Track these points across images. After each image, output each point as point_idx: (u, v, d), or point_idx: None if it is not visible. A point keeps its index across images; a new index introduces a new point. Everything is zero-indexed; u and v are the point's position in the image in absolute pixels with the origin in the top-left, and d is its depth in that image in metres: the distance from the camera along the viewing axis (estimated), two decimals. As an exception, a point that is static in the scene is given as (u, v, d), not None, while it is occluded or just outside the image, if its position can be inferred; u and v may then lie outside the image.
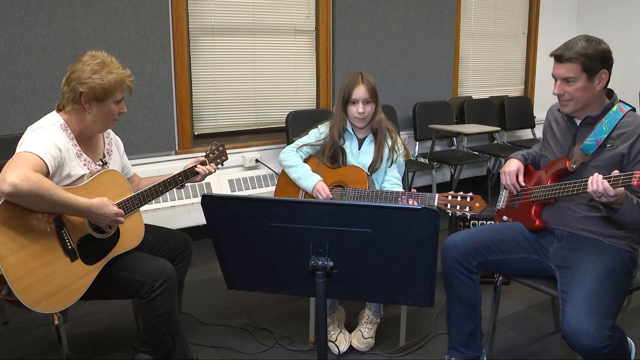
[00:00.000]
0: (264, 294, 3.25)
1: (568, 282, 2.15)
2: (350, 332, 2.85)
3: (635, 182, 1.91)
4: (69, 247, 2.11)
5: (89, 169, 2.25)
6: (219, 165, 2.73)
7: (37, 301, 2.00)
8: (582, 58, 2.16)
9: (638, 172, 1.92)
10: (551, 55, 2.26)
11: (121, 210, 2.21)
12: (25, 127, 2.18)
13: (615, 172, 2.00)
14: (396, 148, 2.80)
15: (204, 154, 2.69)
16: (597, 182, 2.00)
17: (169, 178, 2.48)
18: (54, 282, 2.05)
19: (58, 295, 2.07)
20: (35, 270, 2.01)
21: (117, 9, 3.74)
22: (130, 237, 2.32)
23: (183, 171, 2.53)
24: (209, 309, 3.19)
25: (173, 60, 4.04)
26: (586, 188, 2.06)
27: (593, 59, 2.17)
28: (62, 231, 2.09)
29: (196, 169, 2.56)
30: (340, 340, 2.77)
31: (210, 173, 2.61)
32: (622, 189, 1.98)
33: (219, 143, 2.74)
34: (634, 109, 2.29)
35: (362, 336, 2.79)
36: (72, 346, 2.75)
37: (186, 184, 2.57)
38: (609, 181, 1.98)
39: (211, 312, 3.16)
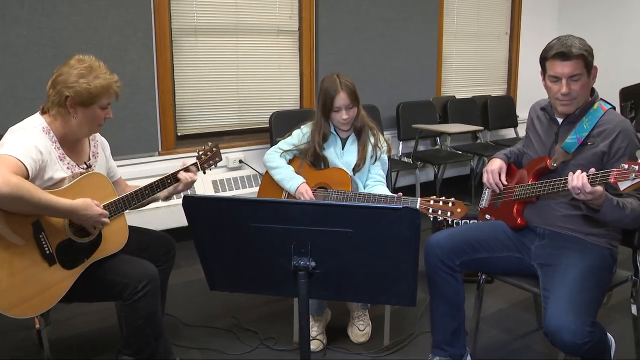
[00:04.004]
0: (248, 295, 3.24)
1: (550, 280, 2.17)
2: (334, 333, 2.86)
3: (612, 180, 1.93)
4: (47, 251, 2.09)
5: (72, 172, 2.22)
6: (213, 167, 2.70)
7: (10, 306, 1.98)
8: (585, 53, 2.15)
9: (615, 169, 1.93)
10: (552, 54, 2.18)
11: (106, 212, 2.19)
12: (5, 128, 2.16)
13: (592, 170, 2.01)
14: (379, 145, 2.82)
15: (197, 154, 2.64)
16: (577, 177, 2.00)
17: (157, 181, 2.44)
18: (30, 287, 2.03)
19: (34, 300, 2.05)
20: (10, 276, 1.98)
21: (99, 10, 3.71)
22: (112, 242, 2.29)
23: (172, 174, 2.48)
24: (193, 311, 3.18)
25: (156, 60, 4.02)
26: (566, 186, 2.07)
27: (591, 54, 2.19)
28: (40, 236, 2.07)
29: (179, 175, 2.49)
30: (315, 342, 2.77)
31: (192, 180, 2.52)
32: (601, 188, 1.99)
33: (213, 143, 2.68)
34: (613, 107, 2.32)
35: (359, 329, 2.83)
36: (55, 349, 2.73)
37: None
38: (588, 178, 2.00)
39: (196, 314, 3.14)
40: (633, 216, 2.11)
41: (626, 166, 1.89)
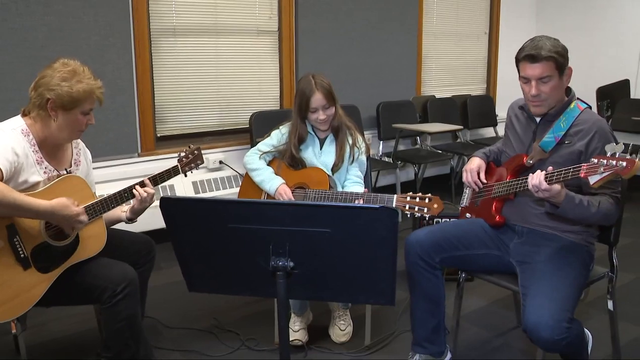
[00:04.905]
0: (229, 296, 3.23)
1: (528, 277, 2.20)
2: (315, 332, 2.86)
3: (582, 174, 1.97)
4: (22, 255, 2.06)
5: (49, 177, 2.19)
6: (195, 169, 2.67)
7: None
8: (556, 55, 2.17)
9: (585, 164, 1.97)
10: (522, 56, 2.22)
11: (83, 210, 2.16)
12: (-24, 129, 2.12)
13: (550, 169, 2.06)
14: (357, 145, 2.81)
15: (178, 157, 2.60)
16: (532, 176, 2.06)
17: (137, 183, 2.41)
18: (3, 292, 2.01)
19: (8, 304, 2.03)
20: None
21: (76, 9, 3.67)
22: (89, 245, 2.26)
23: (128, 187, 2.39)
24: (174, 313, 3.16)
25: (134, 61, 3.99)
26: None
27: (563, 56, 2.20)
28: (15, 239, 2.04)
29: (133, 190, 2.37)
30: (299, 334, 2.79)
31: (148, 195, 2.39)
32: (558, 186, 2.03)
33: (195, 146, 2.64)
34: (590, 107, 2.35)
35: (340, 329, 2.84)
36: (34, 354, 2.70)
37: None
38: (546, 177, 2.04)
39: (177, 316, 3.12)
40: (601, 215, 2.15)
41: (595, 160, 1.94)
